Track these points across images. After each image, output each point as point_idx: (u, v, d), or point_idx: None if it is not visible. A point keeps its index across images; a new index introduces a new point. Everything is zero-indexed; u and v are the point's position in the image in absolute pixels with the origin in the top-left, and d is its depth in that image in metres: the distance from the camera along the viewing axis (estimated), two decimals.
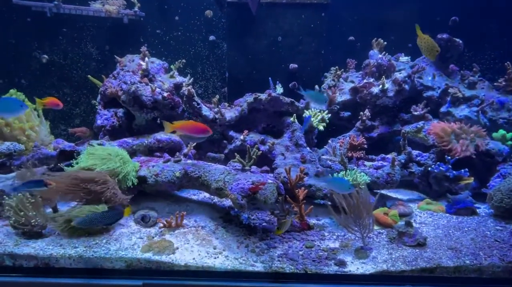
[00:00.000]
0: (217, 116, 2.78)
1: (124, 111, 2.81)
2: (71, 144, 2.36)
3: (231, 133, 2.90)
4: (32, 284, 1.82)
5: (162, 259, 1.87)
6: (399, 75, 2.71)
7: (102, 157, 2.24)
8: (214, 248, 2.02)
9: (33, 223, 1.94)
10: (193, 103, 2.71)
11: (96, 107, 3.16)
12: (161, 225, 2.20)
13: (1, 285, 1.81)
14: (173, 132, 2.17)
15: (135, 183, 2.33)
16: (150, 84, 2.60)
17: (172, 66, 3.10)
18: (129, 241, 2.04)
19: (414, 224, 2.14)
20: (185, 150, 2.75)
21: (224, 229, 2.26)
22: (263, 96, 2.78)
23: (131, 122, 2.85)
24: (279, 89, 2.75)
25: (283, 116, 2.84)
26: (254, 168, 2.43)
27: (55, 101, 2.15)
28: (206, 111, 2.77)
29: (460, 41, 2.85)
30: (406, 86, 2.69)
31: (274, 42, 3.15)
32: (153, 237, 2.10)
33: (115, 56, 3.07)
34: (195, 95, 2.72)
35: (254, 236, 2.17)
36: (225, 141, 2.90)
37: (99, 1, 3.00)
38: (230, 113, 2.85)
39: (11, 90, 2.70)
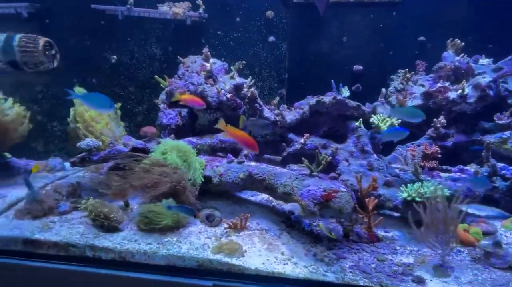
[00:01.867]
0: (277, 118, 2.75)
1: (187, 111, 2.87)
2: (142, 141, 2.45)
3: (291, 135, 2.85)
4: (108, 276, 1.90)
5: (233, 262, 1.87)
6: (482, 80, 2.48)
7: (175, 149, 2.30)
8: (282, 254, 1.98)
9: (112, 218, 2.04)
10: (256, 104, 2.69)
11: (159, 105, 3.27)
12: (226, 225, 2.21)
13: (82, 274, 1.92)
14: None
15: (202, 181, 2.36)
16: (215, 85, 2.63)
17: (232, 67, 3.11)
18: (198, 240, 2.07)
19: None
20: (245, 151, 2.75)
21: (288, 235, 2.21)
22: (327, 98, 2.69)
23: (194, 121, 2.91)
24: (345, 92, 2.65)
25: (347, 120, 2.74)
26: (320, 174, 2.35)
27: (197, 100, 2.25)
28: (267, 112, 2.75)
29: None
30: (491, 92, 2.46)
31: (339, 43, 3.04)
32: (220, 238, 2.11)
33: (178, 57, 3.15)
34: (257, 96, 2.70)
35: (320, 244, 2.10)
36: (283, 144, 2.85)
37: (166, 4, 3.10)
38: (290, 116, 2.80)
39: (78, 88, 2.86)
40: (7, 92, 2.72)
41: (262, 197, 2.74)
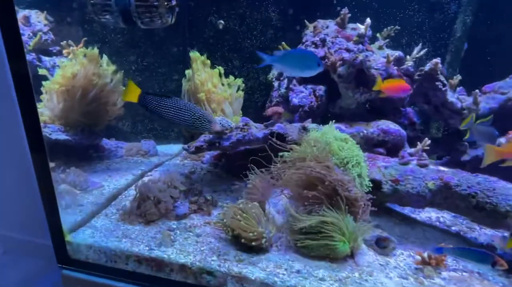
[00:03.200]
0: (464, 105, 1.91)
1: (325, 89, 2.14)
2: (282, 125, 1.75)
3: None
4: None
5: None
6: None
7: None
8: None
9: (263, 236, 1.36)
10: (437, 83, 1.88)
11: (272, 83, 2.59)
12: (420, 259, 1.45)
13: None
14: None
15: (369, 186, 1.62)
16: (384, 52, 1.87)
17: (378, 35, 2.33)
18: (390, 281, 1.33)
19: None
20: (410, 150, 1.95)
21: None
22: None
23: (332, 103, 2.17)
24: None
25: None
26: None
27: (404, 87, 1.60)
28: (451, 96, 1.92)
29: None
30: None
31: None
32: (417, 278, 1.36)
33: (306, 21, 2.43)
34: (439, 72, 1.89)
35: None
36: (466, 143, 2.01)
37: None
38: (482, 103, 1.94)
39: (193, 53, 2.27)
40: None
41: (429, 214, 1.94)
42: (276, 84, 2.55)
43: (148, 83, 2.71)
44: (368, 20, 2.05)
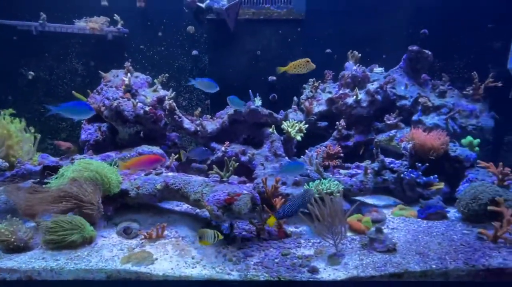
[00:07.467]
0: (198, 129, 2.87)
1: (108, 125, 2.89)
2: (55, 159, 2.43)
3: (213, 144, 2.99)
4: None
5: (141, 270, 1.94)
6: (371, 86, 2.83)
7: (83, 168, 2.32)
8: (193, 258, 2.08)
9: (13, 238, 2.00)
10: (175, 116, 2.80)
11: (81, 122, 3.24)
12: (142, 237, 2.27)
13: None
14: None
15: (118, 190, 2.39)
16: (131, 99, 2.70)
17: (155, 80, 3.19)
18: (110, 253, 2.11)
19: (385, 230, 2.22)
20: (168, 162, 2.83)
21: None
22: (242, 108, 2.88)
23: (115, 136, 2.93)
24: (258, 102, 2.87)
25: (262, 127, 2.95)
26: (233, 179, 2.51)
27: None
28: (187, 124, 2.86)
29: (429, 53, 2.99)
30: (379, 97, 2.81)
31: (254, 56, 3.28)
32: (133, 249, 2.17)
33: (100, 71, 3.16)
34: (176, 108, 2.81)
35: (232, 245, 2.24)
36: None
37: (83, 19, 3.11)
38: (211, 125, 2.94)
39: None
40: None
41: (187, 206, 2.82)
42: (83, 122, 3.21)
43: None
44: (129, 75, 2.89)
